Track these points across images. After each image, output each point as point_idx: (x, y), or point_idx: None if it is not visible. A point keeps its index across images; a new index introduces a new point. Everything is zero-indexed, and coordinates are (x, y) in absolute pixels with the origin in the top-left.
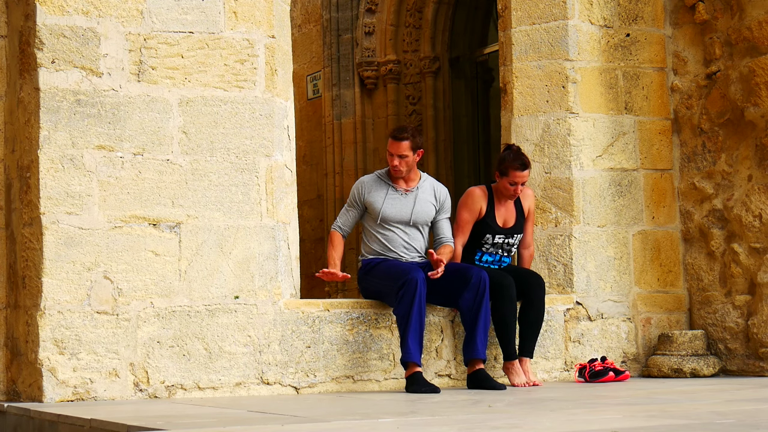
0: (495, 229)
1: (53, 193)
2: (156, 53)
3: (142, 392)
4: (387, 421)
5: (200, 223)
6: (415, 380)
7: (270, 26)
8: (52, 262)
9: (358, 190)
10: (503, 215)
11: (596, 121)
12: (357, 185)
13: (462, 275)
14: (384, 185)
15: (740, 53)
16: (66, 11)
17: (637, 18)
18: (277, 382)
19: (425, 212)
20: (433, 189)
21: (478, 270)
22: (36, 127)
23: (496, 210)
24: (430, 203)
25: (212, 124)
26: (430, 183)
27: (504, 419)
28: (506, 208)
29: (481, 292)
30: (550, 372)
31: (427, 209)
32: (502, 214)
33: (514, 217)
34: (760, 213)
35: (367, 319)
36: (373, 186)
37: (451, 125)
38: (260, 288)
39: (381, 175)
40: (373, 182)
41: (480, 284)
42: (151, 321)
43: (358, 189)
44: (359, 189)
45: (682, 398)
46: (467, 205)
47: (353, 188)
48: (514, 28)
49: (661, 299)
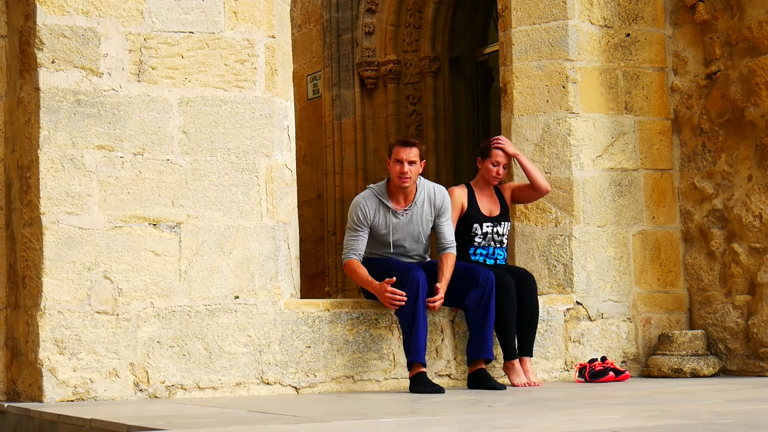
0: (481, 218)
1: (53, 193)
2: (156, 53)
3: (142, 392)
4: (387, 421)
5: (200, 223)
6: (420, 380)
7: (270, 26)
8: (52, 262)
9: (363, 213)
10: (487, 205)
11: (596, 121)
12: (359, 208)
13: (469, 275)
14: (383, 207)
15: (740, 53)
16: (66, 11)
17: (637, 18)
18: (277, 382)
19: (424, 229)
20: (429, 198)
21: (485, 270)
22: (36, 127)
23: (478, 201)
24: (426, 218)
25: (212, 124)
26: (426, 192)
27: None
28: (488, 199)
29: (488, 291)
30: (550, 372)
31: (425, 225)
32: (485, 204)
33: (498, 207)
34: (760, 213)
35: (367, 319)
36: (375, 208)
37: (451, 125)
38: (260, 288)
39: (379, 193)
40: (373, 203)
41: (487, 284)
42: (151, 321)
43: (362, 211)
44: (364, 211)
45: (682, 398)
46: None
47: (355, 211)
48: (514, 28)
49: (661, 299)
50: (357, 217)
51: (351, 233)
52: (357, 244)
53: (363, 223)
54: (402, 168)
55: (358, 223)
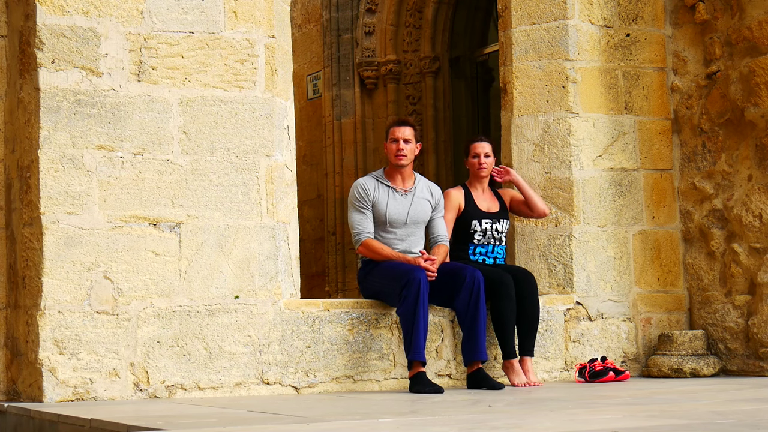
0: (479, 214)
1: (53, 193)
2: (156, 53)
3: (142, 392)
4: (387, 421)
5: (200, 223)
6: (420, 380)
7: (270, 26)
8: (52, 262)
9: (364, 191)
10: (485, 203)
11: (596, 121)
12: (360, 188)
13: (456, 275)
14: (384, 187)
15: (740, 53)
16: (66, 11)
17: (637, 18)
18: (277, 382)
19: (423, 211)
20: (429, 188)
21: (472, 269)
22: (36, 127)
23: (476, 200)
24: (427, 201)
25: (212, 124)
26: (425, 183)
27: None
28: (486, 197)
29: (476, 291)
30: (550, 372)
31: (425, 208)
32: (482, 202)
33: (497, 205)
34: (760, 213)
35: (367, 319)
36: (375, 187)
37: (451, 125)
38: (260, 288)
39: (377, 176)
40: (374, 184)
41: (474, 283)
42: (151, 321)
43: (363, 190)
44: (364, 190)
45: (682, 398)
46: (445, 206)
47: (357, 191)
48: (514, 28)
49: (661, 299)
50: (359, 194)
51: (356, 214)
52: (366, 223)
53: (365, 200)
54: (398, 145)
55: (361, 200)
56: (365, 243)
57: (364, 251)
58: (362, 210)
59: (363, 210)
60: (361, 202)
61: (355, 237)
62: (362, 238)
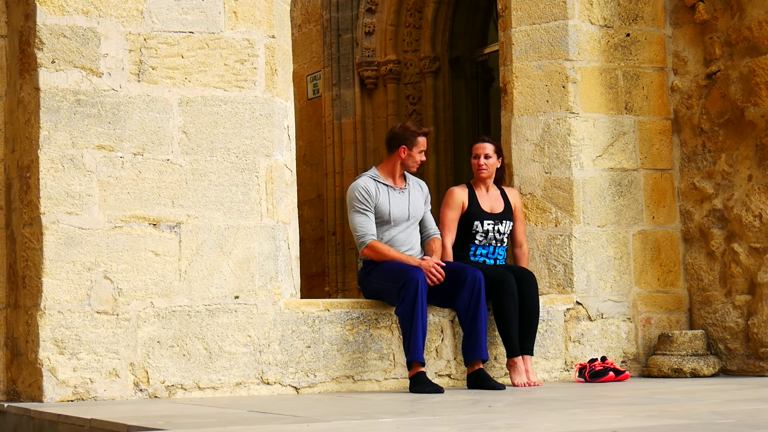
0: (482, 215)
1: (53, 193)
2: (156, 53)
3: (142, 392)
4: (387, 421)
5: (200, 223)
6: (419, 380)
7: (270, 26)
8: (52, 262)
9: (367, 193)
10: (489, 203)
11: (596, 121)
12: (362, 189)
13: (457, 275)
14: (383, 186)
15: (740, 53)
16: (66, 11)
17: (637, 18)
18: (277, 382)
19: (419, 207)
20: (418, 183)
21: (473, 269)
22: (36, 127)
23: (479, 200)
24: (420, 197)
25: (212, 124)
26: (413, 179)
27: (504, 419)
28: (490, 197)
29: (477, 290)
30: (550, 372)
31: (420, 203)
32: (486, 202)
33: (502, 205)
34: (760, 213)
35: (367, 319)
36: (376, 188)
37: (451, 125)
38: (260, 288)
39: (373, 176)
40: (374, 184)
41: (475, 283)
42: (151, 321)
43: (366, 192)
44: (367, 191)
45: (682, 398)
46: (449, 204)
47: (359, 193)
48: (514, 28)
49: (661, 299)
50: (361, 196)
51: (359, 217)
52: (369, 225)
53: (368, 201)
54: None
55: (363, 202)
56: (371, 245)
57: (370, 253)
58: (364, 212)
59: (365, 212)
60: (364, 203)
61: (359, 240)
62: (367, 241)
